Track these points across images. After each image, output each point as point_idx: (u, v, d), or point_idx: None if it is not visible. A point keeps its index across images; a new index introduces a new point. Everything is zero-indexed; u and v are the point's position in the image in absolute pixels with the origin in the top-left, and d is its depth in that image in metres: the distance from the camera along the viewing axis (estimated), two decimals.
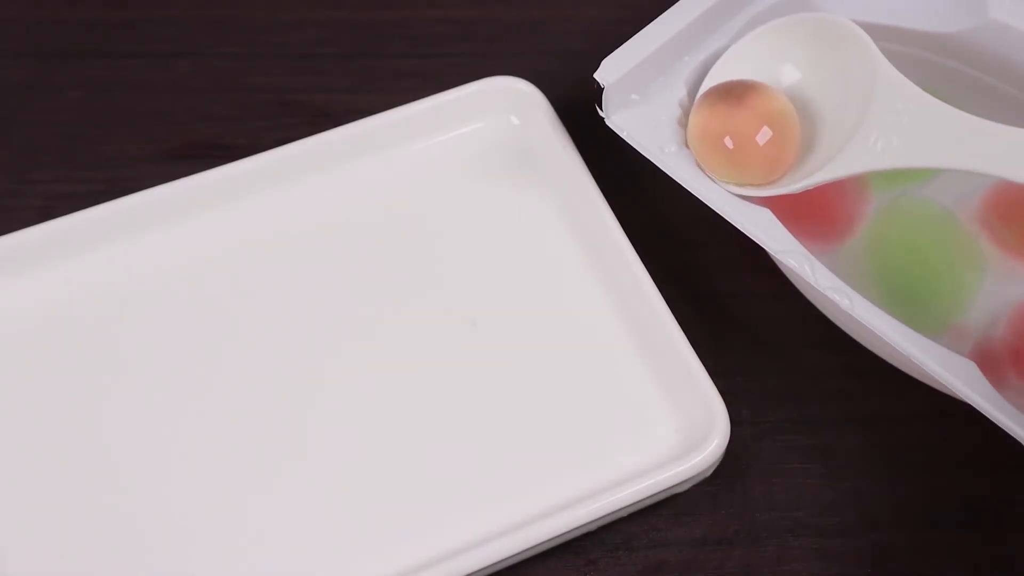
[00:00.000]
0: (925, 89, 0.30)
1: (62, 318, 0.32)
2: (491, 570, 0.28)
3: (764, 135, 0.31)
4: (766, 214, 0.30)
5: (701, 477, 0.30)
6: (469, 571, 0.28)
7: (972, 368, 0.28)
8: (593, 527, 0.29)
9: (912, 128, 0.30)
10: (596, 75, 0.32)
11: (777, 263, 0.31)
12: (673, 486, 0.29)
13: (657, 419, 0.31)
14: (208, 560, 0.29)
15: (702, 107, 0.32)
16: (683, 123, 0.32)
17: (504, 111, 0.36)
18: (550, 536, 0.28)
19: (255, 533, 0.29)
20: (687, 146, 0.32)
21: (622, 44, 0.32)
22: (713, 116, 0.31)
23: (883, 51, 0.31)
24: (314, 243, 0.34)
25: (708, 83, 0.33)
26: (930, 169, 0.29)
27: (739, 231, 0.30)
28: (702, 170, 0.31)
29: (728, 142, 0.31)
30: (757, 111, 0.31)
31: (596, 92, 0.32)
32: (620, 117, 0.32)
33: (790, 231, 0.30)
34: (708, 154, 0.31)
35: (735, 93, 0.31)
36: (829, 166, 0.31)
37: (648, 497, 0.29)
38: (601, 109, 0.32)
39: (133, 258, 0.33)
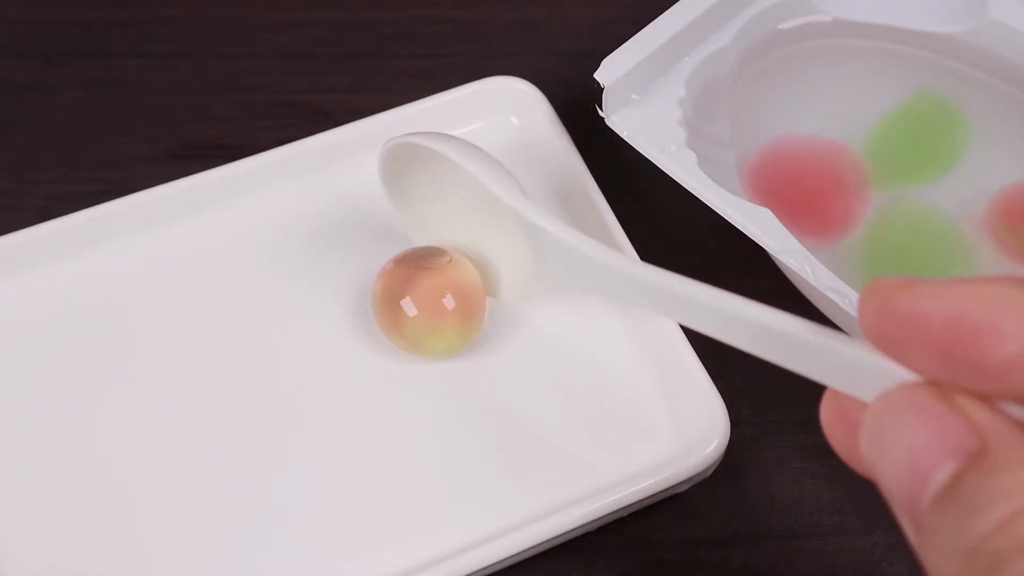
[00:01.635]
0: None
1: (62, 318, 0.32)
2: (491, 570, 0.28)
3: (450, 301, 0.30)
4: (766, 214, 0.30)
5: (701, 477, 0.30)
6: (469, 571, 0.28)
7: None
8: (593, 527, 0.29)
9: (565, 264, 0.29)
10: (596, 75, 0.32)
11: (777, 263, 0.31)
12: (673, 486, 0.29)
13: (657, 418, 0.31)
14: (208, 560, 0.29)
15: (383, 273, 0.31)
16: (683, 123, 0.32)
17: (504, 111, 0.36)
18: (550, 536, 0.28)
19: (256, 533, 0.29)
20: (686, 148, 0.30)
21: (622, 44, 0.33)
22: (394, 280, 0.31)
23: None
24: (314, 243, 0.34)
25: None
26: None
27: (739, 231, 0.30)
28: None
29: (410, 307, 0.30)
30: (442, 277, 0.30)
31: (596, 92, 0.32)
32: (620, 117, 0.32)
33: (789, 226, 0.30)
34: (386, 322, 0.31)
35: (419, 256, 0.31)
36: None
37: (648, 497, 0.29)
38: (601, 109, 0.32)
39: (133, 258, 0.33)
